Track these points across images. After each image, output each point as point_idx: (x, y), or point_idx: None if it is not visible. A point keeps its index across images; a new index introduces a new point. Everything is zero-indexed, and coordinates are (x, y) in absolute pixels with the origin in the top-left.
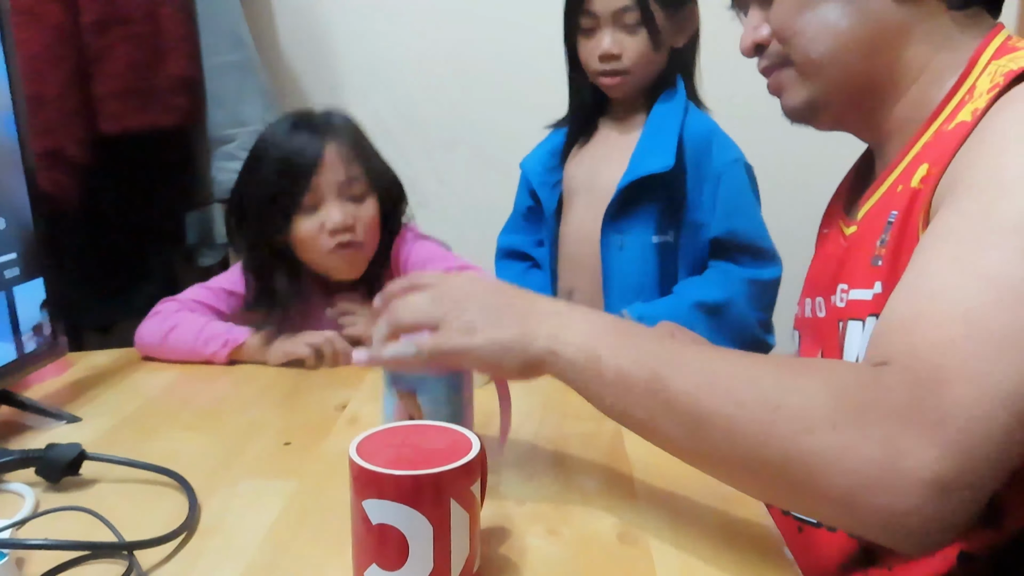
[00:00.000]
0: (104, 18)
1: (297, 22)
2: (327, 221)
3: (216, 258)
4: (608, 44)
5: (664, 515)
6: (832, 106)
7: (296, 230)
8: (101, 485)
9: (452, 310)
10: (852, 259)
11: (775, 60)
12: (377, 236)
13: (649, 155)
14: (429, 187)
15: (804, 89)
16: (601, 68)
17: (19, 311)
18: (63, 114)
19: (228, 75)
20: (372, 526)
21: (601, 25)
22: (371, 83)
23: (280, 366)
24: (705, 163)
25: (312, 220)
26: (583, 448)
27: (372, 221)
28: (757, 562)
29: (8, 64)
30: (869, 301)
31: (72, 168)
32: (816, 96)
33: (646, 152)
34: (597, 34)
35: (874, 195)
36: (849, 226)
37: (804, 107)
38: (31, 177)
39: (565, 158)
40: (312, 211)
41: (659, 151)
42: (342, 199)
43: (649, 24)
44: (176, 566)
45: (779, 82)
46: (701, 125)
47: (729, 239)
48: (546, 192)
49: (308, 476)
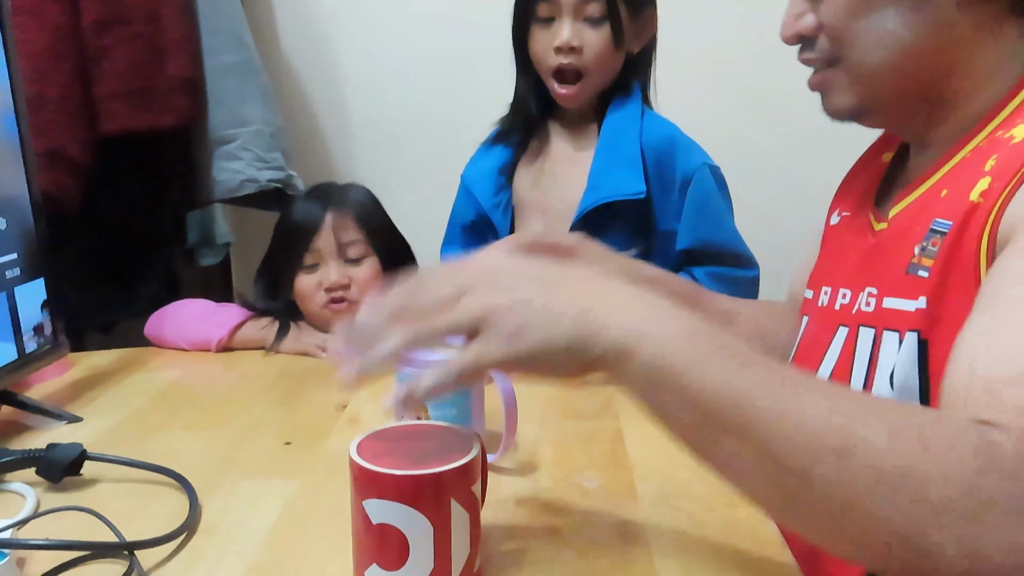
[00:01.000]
0: (105, 18)
1: (297, 22)
2: (324, 279)
3: (216, 258)
4: (568, 35)
5: (664, 515)
6: (881, 113)
7: (297, 285)
8: (102, 485)
9: (492, 307)
10: (883, 260)
11: (822, 57)
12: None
13: (610, 175)
14: (429, 187)
15: (853, 94)
16: (557, 61)
17: (20, 311)
18: (63, 114)
19: (229, 75)
20: (372, 526)
21: (562, 14)
22: (371, 83)
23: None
24: (668, 171)
25: (312, 277)
26: (583, 448)
27: (370, 280)
28: (757, 562)
29: (9, 64)
30: (911, 313)
31: (72, 168)
32: (865, 102)
33: (606, 172)
34: (555, 24)
35: (910, 195)
36: (880, 221)
37: (850, 111)
38: (31, 177)
39: (512, 175)
40: (313, 270)
41: (622, 172)
42: (340, 260)
43: (614, 18)
44: (176, 566)
45: (825, 81)
46: (660, 131)
47: (700, 248)
48: (498, 215)
49: (308, 476)
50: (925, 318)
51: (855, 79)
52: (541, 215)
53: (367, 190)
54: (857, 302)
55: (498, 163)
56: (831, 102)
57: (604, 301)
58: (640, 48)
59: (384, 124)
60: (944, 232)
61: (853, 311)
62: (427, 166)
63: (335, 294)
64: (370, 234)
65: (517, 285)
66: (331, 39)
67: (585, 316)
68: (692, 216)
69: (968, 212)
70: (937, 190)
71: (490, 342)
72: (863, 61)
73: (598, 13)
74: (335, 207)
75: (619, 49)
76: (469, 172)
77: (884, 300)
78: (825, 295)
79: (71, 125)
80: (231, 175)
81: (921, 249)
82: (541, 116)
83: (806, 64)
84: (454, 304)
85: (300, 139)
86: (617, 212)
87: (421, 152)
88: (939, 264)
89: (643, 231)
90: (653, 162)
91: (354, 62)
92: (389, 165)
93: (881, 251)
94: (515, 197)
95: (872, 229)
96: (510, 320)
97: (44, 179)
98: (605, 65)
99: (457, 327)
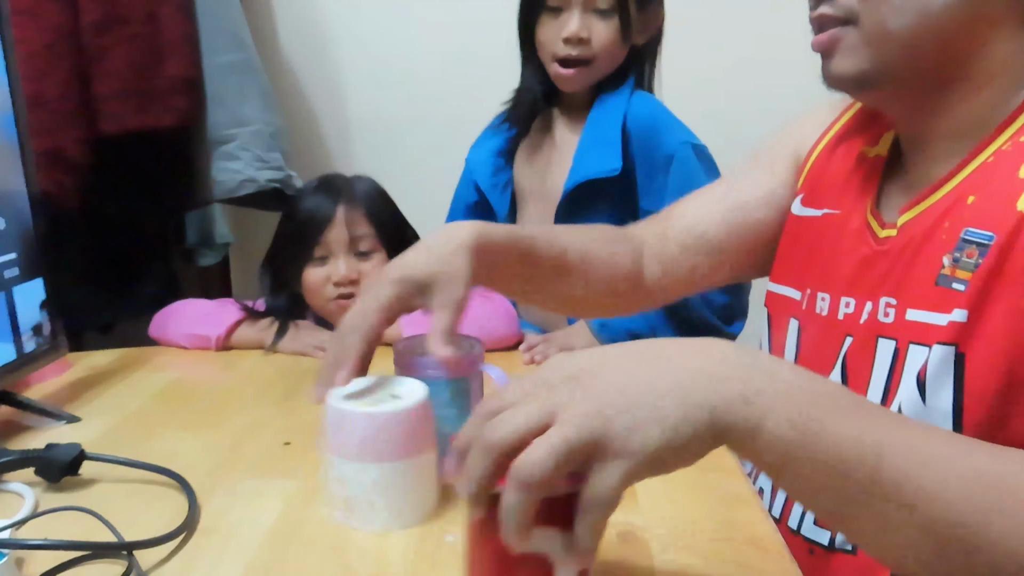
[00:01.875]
0: (104, 18)
1: (297, 22)
2: (333, 273)
3: (216, 258)
4: (576, 26)
5: (664, 515)
6: (886, 85)
7: (306, 279)
8: (101, 485)
9: (596, 425)
10: (898, 270)
11: (840, 13)
12: None
13: (590, 155)
14: (429, 187)
15: (863, 58)
16: (564, 52)
17: (19, 311)
18: (63, 114)
19: (228, 75)
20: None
21: (571, 5)
22: (370, 83)
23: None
24: (654, 148)
25: (321, 271)
26: None
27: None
28: (757, 562)
29: (8, 64)
30: (943, 327)
31: (72, 168)
32: (873, 69)
33: (588, 152)
34: (564, 15)
35: (923, 202)
36: (885, 227)
37: (854, 77)
38: (30, 177)
39: (512, 157)
40: (322, 263)
41: (602, 150)
42: (350, 254)
43: (622, 10)
44: (176, 566)
45: (834, 40)
46: (644, 108)
47: None
48: (496, 195)
49: (308, 476)
50: (962, 332)
51: (869, 40)
52: (538, 198)
53: (375, 182)
54: (864, 311)
55: (498, 146)
56: (836, 65)
57: (713, 373)
58: (644, 40)
59: (383, 124)
60: (984, 243)
61: (861, 320)
62: (426, 166)
63: (344, 290)
64: (380, 228)
65: (597, 390)
66: (330, 39)
67: (706, 399)
68: (675, 195)
69: (1018, 223)
70: (959, 196)
71: (611, 465)
72: (883, 23)
73: (607, 5)
74: (346, 200)
75: (626, 41)
76: (472, 154)
77: (908, 312)
78: (823, 302)
79: (70, 125)
80: (230, 175)
81: (953, 260)
82: (547, 103)
83: (817, 23)
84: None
85: (299, 139)
86: (600, 191)
87: (420, 152)
88: (981, 277)
89: (628, 210)
90: (638, 140)
91: (353, 62)
92: (388, 165)
93: (893, 260)
94: (516, 184)
95: (875, 235)
96: (619, 429)
97: (43, 179)
98: (611, 57)
99: (563, 462)
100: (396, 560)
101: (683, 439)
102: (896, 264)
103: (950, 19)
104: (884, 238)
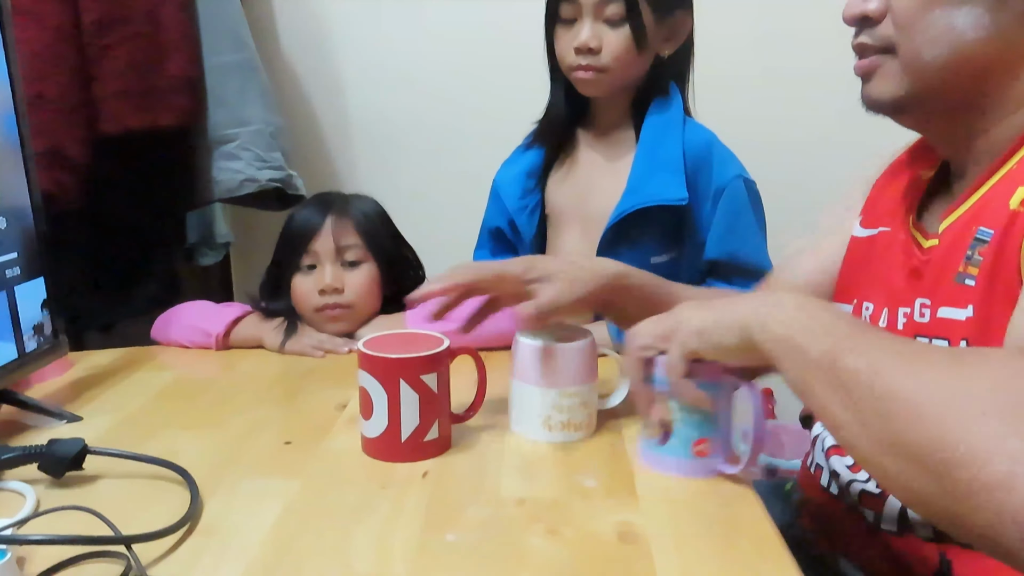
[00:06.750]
0: (104, 18)
1: (297, 22)
2: (319, 281)
3: (216, 258)
4: (586, 35)
5: (664, 515)
6: (922, 112)
7: (295, 287)
8: (103, 481)
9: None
10: (934, 274)
11: (879, 42)
12: (373, 299)
13: (651, 181)
14: (430, 188)
15: (900, 85)
16: (576, 62)
17: (20, 310)
18: (63, 114)
19: (229, 75)
20: (360, 387)
21: (582, 15)
22: (371, 83)
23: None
24: (704, 179)
25: (308, 279)
26: (583, 448)
27: (365, 285)
28: (757, 562)
29: (8, 64)
30: (962, 322)
31: (72, 168)
32: (909, 95)
33: (647, 177)
34: (576, 25)
35: (958, 209)
36: (929, 238)
37: (892, 103)
38: (31, 177)
39: (544, 179)
40: (311, 271)
41: (665, 178)
42: (336, 263)
43: (634, 20)
44: (176, 565)
45: (873, 67)
46: (699, 137)
47: (726, 260)
48: (524, 218)
49: (309, 475)
50: (973, 326)
51: (905, 69)
52: (579, 222)
53: (375, 201)
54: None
55: (527, 167)
56: (875, 88)
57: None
58: (672, 51)
59: (383, 124)
60: (987, 240)
61: (899, 326)
62: (426, 165)
63: (328, 300)
64: (370, 239)
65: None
66: (331, 39)
67: (741, 308)
68: (721, 228)
69: (1010, 220)
70: (983, 202)
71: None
72: (918, 53)
73: (618, 14)
74: (337, 212)
75: (641, 51)
76: (500, 176)
77: (939, 310)
78: (867, 311)
79: (71, 125)
80: (231, 175)
81: (967, 258)
82: (571, 124)
83: (858, 50)
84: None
85: (300, 139)
86: (652, 218)
87: (420, 152)
88: (984, 272)
89: (675, 239)
90: (691, 169)
91: (353, 62)
92: (388, 164)
93: (932, 267)
94: (549, 207)
95: (920, 246)
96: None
97: (44, 179)
98: (626, 67)
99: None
100: (396, 560)
101: (723, 328)
102: (933, 269)
103: (982, 52)
104: (929, 248)
